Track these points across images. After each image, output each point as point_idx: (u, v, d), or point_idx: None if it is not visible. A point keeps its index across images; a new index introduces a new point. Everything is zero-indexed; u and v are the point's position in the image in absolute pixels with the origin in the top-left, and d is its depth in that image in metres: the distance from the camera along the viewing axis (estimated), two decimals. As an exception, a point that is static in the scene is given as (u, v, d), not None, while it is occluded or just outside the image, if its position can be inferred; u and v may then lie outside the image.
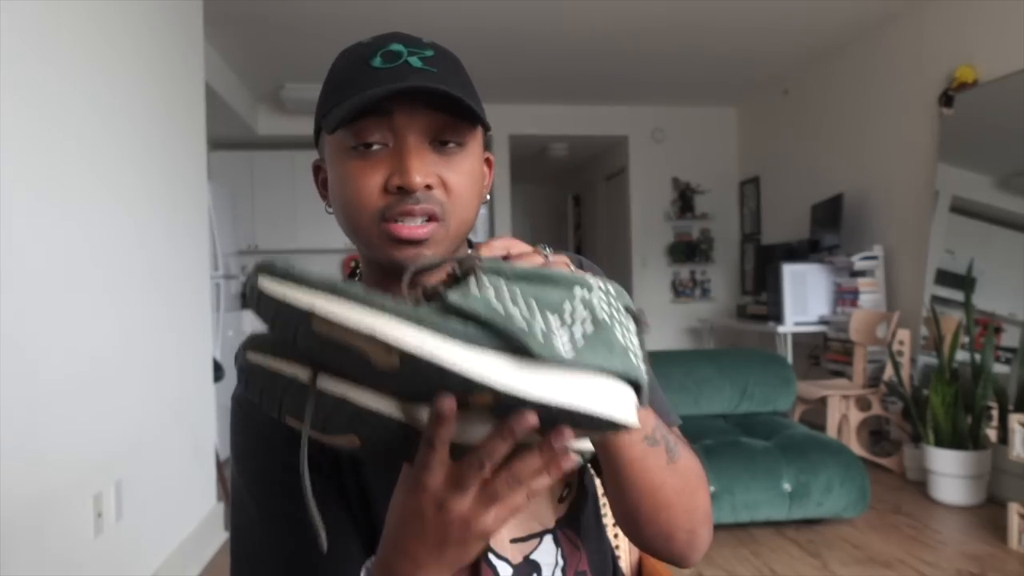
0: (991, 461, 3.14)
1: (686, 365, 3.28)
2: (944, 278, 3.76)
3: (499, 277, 0.47)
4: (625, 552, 1.03)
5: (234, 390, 0.71)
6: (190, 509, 2.75)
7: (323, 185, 0.73)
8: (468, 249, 0.75)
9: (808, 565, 2.60)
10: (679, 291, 6.36)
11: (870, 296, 4.27)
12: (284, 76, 5.05)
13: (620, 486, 0.65)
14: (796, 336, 4.76)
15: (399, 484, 0.52)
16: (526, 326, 0.43)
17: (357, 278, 0.75)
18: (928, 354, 3.73)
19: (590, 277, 0.50)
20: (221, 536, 2.98)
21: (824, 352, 4.69)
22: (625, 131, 6.33)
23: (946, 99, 3.79)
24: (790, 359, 4.36)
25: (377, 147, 0.65)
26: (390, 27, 0.81)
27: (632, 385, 0.47)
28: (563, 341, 0.44)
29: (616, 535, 1.02)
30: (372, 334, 0.40)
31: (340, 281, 0.41)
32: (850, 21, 4.34)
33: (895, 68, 4.31)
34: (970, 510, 3.10)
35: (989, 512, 3.05)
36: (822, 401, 3.94)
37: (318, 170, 0.74)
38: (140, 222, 2.40)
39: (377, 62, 0.65)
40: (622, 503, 0.67)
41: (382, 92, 0.61)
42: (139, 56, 2.45)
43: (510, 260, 0.53)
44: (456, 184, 0.66)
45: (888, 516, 3.08)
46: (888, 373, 3.81)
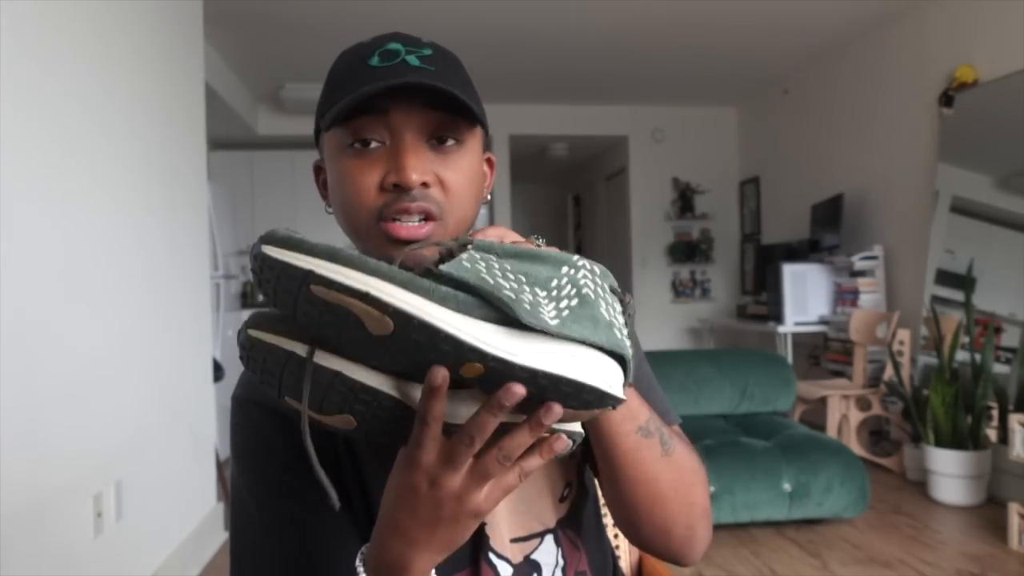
0: (991, 461, 3.14)
1: (686, 365, 3.28)
2: (944, 278, 3.76)
3: (490, 254, 0.48)
4: (625, 552, 1.03)
5: (234, 390, 0.71)
6: (190, 509, 2.75)
7: (323, 185, 0.73)
8: None
9: (808, 565, 2.60)
10: (679, 291, 6.36)
11: (870, 296, 4.27)
12: (284, 76, 5.05)
13: (614, 479, 0.65)
14: (796, 336, 4.76)
15: (395, 464, 0.52)
16: (514, 296, 0.45)
17: None
18: (928, 354, 3.73)
19: (576, 257, 0.51)
20: (221, 536, 2.98)
21: (824, 352, 4.69)
22: (625, 131, 6.33)
23: (946, 99, 3.79)
24: (790, 359, 4.36)
25: (375, 145, 0.65)
26: (390, 27, 0.81)
27: (618, 361, 0.47)
28: (549, 312, 0.46)
29: (616, 535, 1.03)
30: (367, 292, 0.42)
31: (338, 247, 0.44)
32: (850, 21, 4.34)
33: (895, 68, 4.31)
34: (970, 510, 3.10)
35: (989, 512, 3.05)
36: (822, 401, 3.94)
37: (319, 170, 0.74)
38: (140, 222, 2.40)
39: (375, 61, 0.65)
40: (618, 497, 0.67)
41: (377, 88, 0.61)
42: (139, 56, 2.45)
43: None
44: (454, 182, 0.66)
45: (888, 516, 3.08)
46: (888, 373, 3.81)
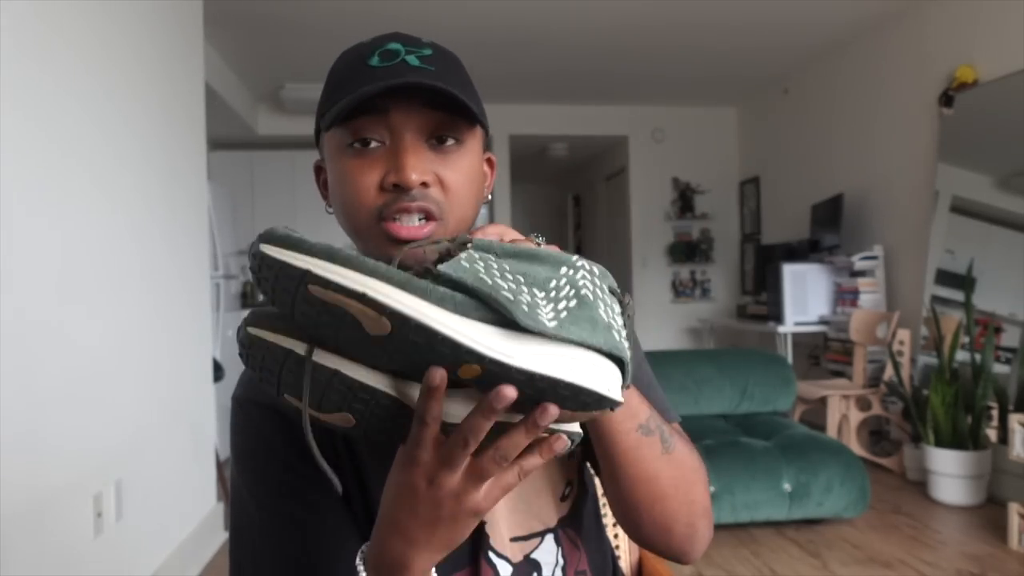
0: (991, 461, 3.14)
1: (686, 365, 3.28)
2: (944, 278, 3.76)
3: (488, 254, 0.48)
4: (625, 552, 1.03)
5: (234, 390, 0.71)
6: (190, 509, 2.75)
7: (324, 185, 0.73)
8: None
9: (808, 565, 2.60)
10: (679, 291, 6.36)
11: (870, 296, 4.27)
12: (284, 76, 5.05)
13: (615, 477, 0.65)
14: (796, 336, 4.76)
15: (394, 463, 0.52)
16: (512, 297, 0.44)
17: None
18: (928, 354, 3.73)
19: (575, 257, 0.51)
20: (221, 536, 2.98)
21: (824, 352, 4.69)
22: (625, 131, 6.33)
23: (946, 99, 3.79)
24: (790, 359, 4.36)
25: (375, 145, 0.65)
26: (391, 27, 0.81)
27: (616, 363, 0.47)
28: (548, 314, 0.45)
29: (616, 535, 1.03)
30: (364, 293, 0.41)
31: (336, 247, 0.43)
32: (850, 21, 4.34)
33: (895, 68, 4.31)
34: (970, 510, 3.10)
35: (989, 512, 3.05)
36: (822, 401, 3.94)
37: (319, 170, 0.74)
38: (139, 222, 2.40)
39: (375, 61, 0.65)
40: (619, 495, 0.67)
41: (376, 88, 0.61)
42: (139, 56, 2.45)
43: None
44: (453, 182, 0.66)
45: (888, 516, 3.08)
46: (888, 373, 3.81)
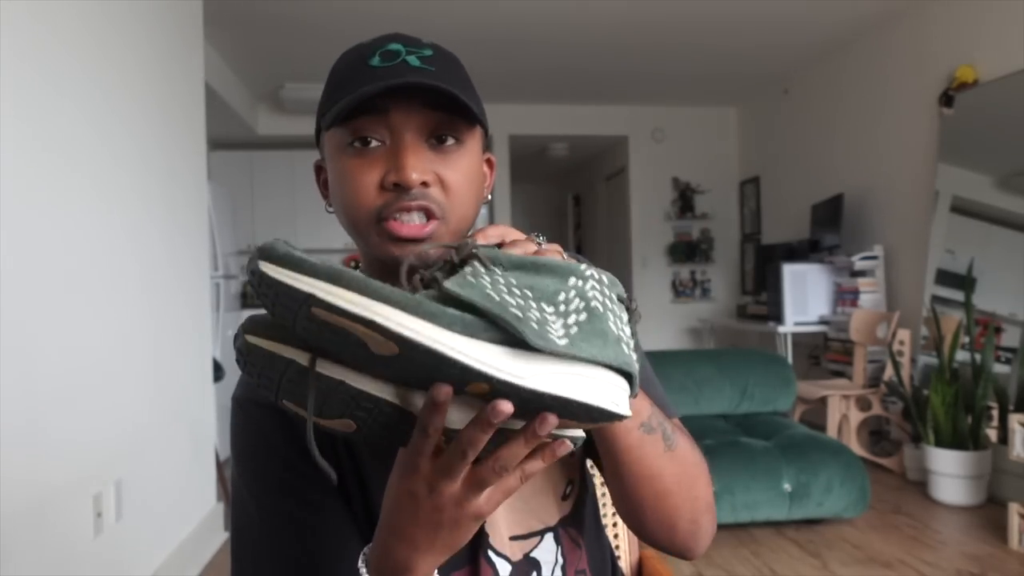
0: (991, 461, 3.14)
1: (686, 365, 3.28)
2: (944, 278, 3.76)
3: (495, 266, 0.47)
4: (625, 552, 1.03)
5: (234, 390, 0.71)
6: (190, 509, 2.75)
7: (324, 185, 0.73)
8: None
9: (808, 565, 2.60)
10: (679, 291, 6.36)
11: (870, 296, 4.27)
12: (284, 76, 5.05)
13: (618, 474, 0.65)
14: (796, 336, 4.76)
15: (394, 468, 0.52)
16: (521, 315, 0.43)
17: None
18: (928, 354, 3.73)
19: (584, 266, 0.50)
20: (221, 536, 2.98)
21: (824, 352, 4.69)
22: (625, 131, 6.32)
23: (946, 99, 3.79)
24: (790, 359, 4.36)
25: (375, 144, 0.65)
26: (391, 27, 0.81)
27: (624, 375, 0.47)
28: (557, 331, 0.44)
29: (616, 535, 1.03)
30: (372, 320, 0.40)
31: (341, 267, 0.42)
32: (850, 21, 4.34)
33: (895, 68, 4.31)
34: (970, 510, 3.10)
35: (989, 512, 3.05)
36: (822, 401, 3.94)
37: (319, 170, 0.74)
38: (139, 222, 2.40)
39: (375, 61, 0.65)
40: (622, 493, 0.67)
41: (376, 88, 0.61)
42: (138, 56, 2.45)
43: (504, 247, 0.53)
44: (454, 181, 0.66)
45: (888, 516, 3.08)
46: (888, 373, 3.81)
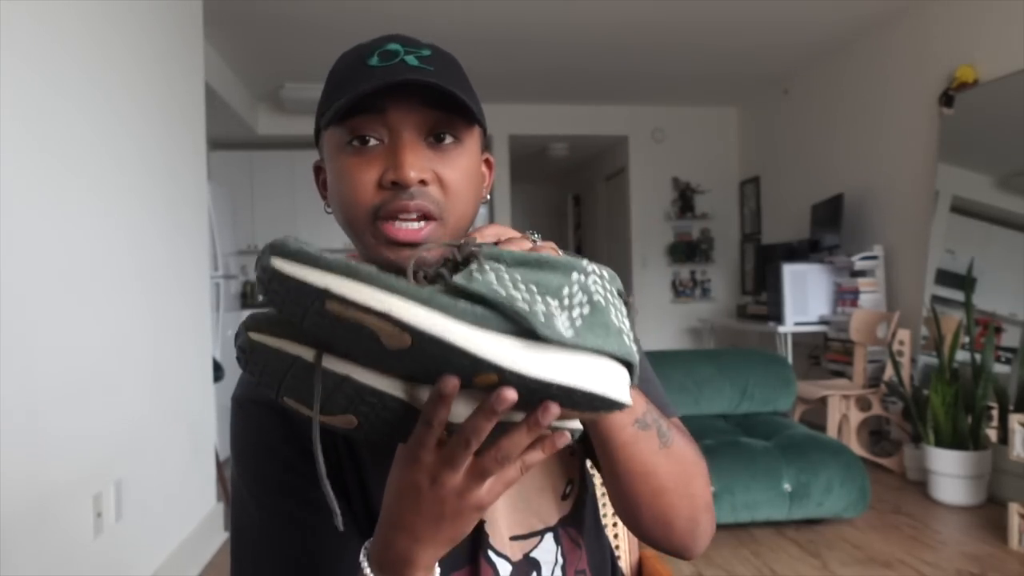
0: (991, 461, 3.14)
1: (686, 365, 3.28)
2: (944, 278, 3.76)
3: (499, 263, 0.48)
4: (625, 552, 1.03)
5: (234, 390, 0.71)
6: (190, 509, 2.75)
7: (323, 185, 0.73)
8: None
9: (808, 565, 2.60)
10: (679, 291, 6.36)
11: (870, 296, 4.27)
12: (284, 76, 5.05)
13: (614, 472, 0.65)
14: (796, 336, 4.76)
15: (395, 460, 0.52)
16: (527, 307, 0.44)
17: None
18: (928, 354, 3.73)
19: (584, 261, 0.51)
20: (221, 536, 2.98)
21: (824, 352, 4.69)
22: (625, 131, 6.33)
23: (946, 99, 3.79)
24: (790, 359, 4.35)
25: (373, 143, 0.65)
26: (390, 27, 0.81)
27: (625, 365, 0.48)
28: (563, 323, 0.45)
29: (616, 535, 1.02)
30: (388, 313, 0.41)
31: (354, 262, 0.43)
32: (850, 20, 4.34)
33: (895, 68, 4.31)
34: (970, 510, 3.10)
35: (989, 512, 3.05)
36: (822, 401, 3.94)
37: (319, 170, 0.74)
38: (139, 222, 2.40)
39: (374, 61, 0.65)
40: (618, 490, 0.67)
41: (374, 86, 0.62)
42: (138, 56, 2.45)
43: (501, 245, 0.54)
44: (452, 180, 0.65)
45: (888, 516, 3.08)
46: (888, 373, 3.81)
